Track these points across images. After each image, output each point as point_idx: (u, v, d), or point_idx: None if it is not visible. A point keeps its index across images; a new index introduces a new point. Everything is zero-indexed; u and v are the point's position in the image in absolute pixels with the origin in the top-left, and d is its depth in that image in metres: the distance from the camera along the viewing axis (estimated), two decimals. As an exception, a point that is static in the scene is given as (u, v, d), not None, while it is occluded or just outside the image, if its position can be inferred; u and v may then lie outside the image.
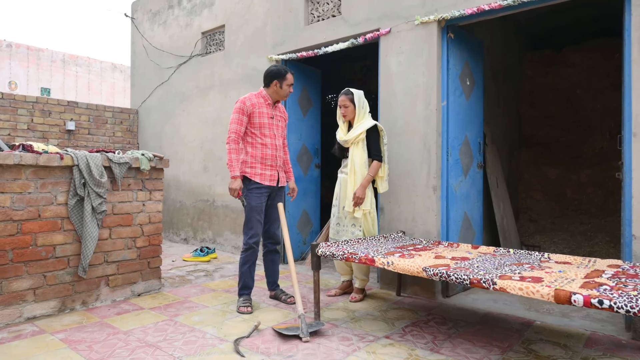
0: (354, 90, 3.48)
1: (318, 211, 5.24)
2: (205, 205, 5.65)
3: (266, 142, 3.21)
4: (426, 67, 3.59)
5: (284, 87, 3.24)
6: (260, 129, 3.20)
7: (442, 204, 3.56)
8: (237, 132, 3.14)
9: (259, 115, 3.19)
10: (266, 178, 3.21)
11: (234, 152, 3.10)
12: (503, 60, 5.43)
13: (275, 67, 3.27)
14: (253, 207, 3.18)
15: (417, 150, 3.62)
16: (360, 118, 3.45)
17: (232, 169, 3.08)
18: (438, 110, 3.56)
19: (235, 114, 3.17)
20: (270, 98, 3.26)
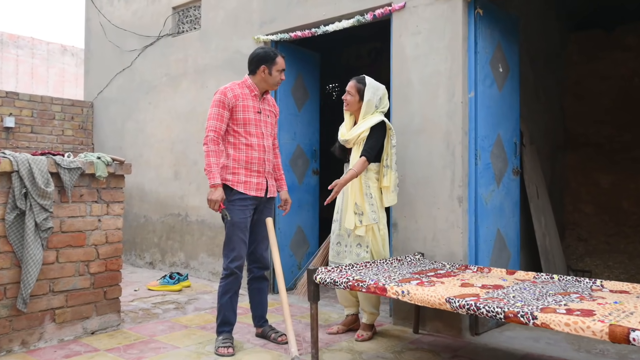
0: (370, 81, 3.51)
1: (316, 228, 5.24)
2: (176, 220, 5.64)
3: (252, 142, 3.22)
4: (449, 50, 3.61)
5: (274, 73, 3.25)
6: (245, 127, 3.21)
7: (469, 218, 3.56)
8: (217, 130, 3.15)
9: (243, 110, 3.20)
10: (252, 187, 3.21)
11: (214, 154, 3.11)
12: (542, 42, 5.47)
13: (263, 50, 3.28)
14: (235, 224, 3.17)
15: (438, 153, 3.63)
16: (366, 114, 3.47)
17: (211, 176, 3.08)
18: (464, 103, 3.57)
19: (214, 107, 3.18)
20: (257, 88, 3.27)
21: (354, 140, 3.45)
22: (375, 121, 3.39)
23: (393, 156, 3.46)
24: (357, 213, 3.39)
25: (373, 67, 7.26)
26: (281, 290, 3.04)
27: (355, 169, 3.33)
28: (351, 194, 3.43)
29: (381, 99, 3.50)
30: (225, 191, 3.18)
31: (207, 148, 3.12)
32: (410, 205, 3.74)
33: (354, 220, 3.38)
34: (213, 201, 3.08)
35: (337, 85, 8.08)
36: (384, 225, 3.47)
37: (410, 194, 3.74)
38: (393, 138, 3.46)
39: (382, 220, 3.46)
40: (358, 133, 3.41)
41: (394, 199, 3.50)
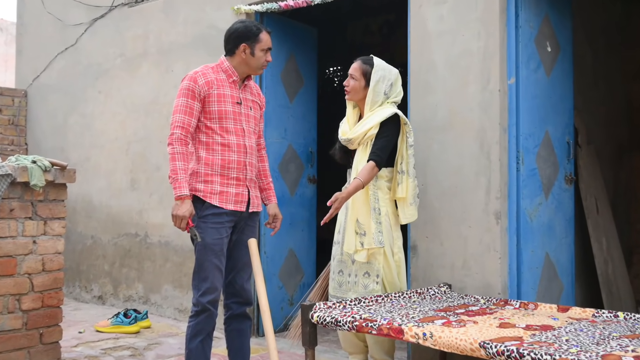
0: (378, 61, 3.52)
1: (313, 252, 5.24)
2: (132, 242, 5.63)
3: (230, 141, 3.22)
4: (483, 23, 3.62)
5: (257, 53, 3.26)
6: (221, 121, 3.21)
7: (509, 239, 3.56)
8: (185, 126, 3.15)
9: (218, 100, 3.21)
10: (230, 199, 3.21)
11: (181, 158, 3.11)
12: (603, 14, 5.49)
13: (243, 24, 3.30)
14: (208, 246, 3.16)
15: (469, 155, 3.64)
16: (374, 104, 3.47)
17: (177, 185, 3.08)
18: (502, 91, 3.58)
19: (182, 98, 3.19)
20: (236, 73, 3.28)
21: (360, 140, 3.44)
22: (387, 114, 3.39)
23: (410, 159, 3.47)
24: (358, 233, 3.39)
25: (385, 46, 7.28)
26: (268, 332, 3.02)
27: (362, 177, 3.32)
28: (352, 208, 3.42)
29: (393, 85, 3.51)
30: (196, 204, 3.17)
31: (172, 149, 3.11)
32: (433, 223, 3.73)
33: (354, 242, 3.38)
34: (179, 217, 3.07)
35: (339, 68, 8.10)
36: (399, 248, 3.46)
37: (434, 208, 3.73)
38: (410, 136, 3.46)
39: (396, 241, 3.45)
40: (364, 130, 3.41)
41: (413, 213, 3.49)
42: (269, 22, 4.76)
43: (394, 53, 7.40)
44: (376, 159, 3.37)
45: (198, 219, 3.17)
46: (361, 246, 3.37)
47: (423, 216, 3.75)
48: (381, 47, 7.30)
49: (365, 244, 3.36)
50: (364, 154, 3.42)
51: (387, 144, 3.40)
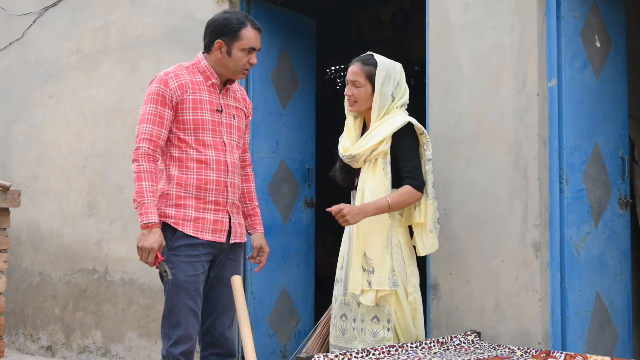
0: (379, 58, 3.51)
1: (310, 292, 5.22)
2: (89, 280, 5.60)
3: (208, 157, 3.21)
4: (517, 13, 3.63)
5: (235, 53, 3.24)
6: (197, 133, 3.21)
7: (552, 277, 3.55)
8: (154, 139, 3.14)
9: (194, 107, 3.21)
10: (207, 227, 3.20)
11: (148, 177, 3.10)
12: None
13: (223, 16, 3.30)
14: (181, 285, 3.15)
15: (501, 173, 3.63)
16: (381, 111, 3.46)
17: (144, 210, 3.06)
18: (541, 96, 3.58)
19: (149, 105, 3.19)
20: (215, 74, 3.29)
21: (366, 156, 3.42)
22: (399, 124, 3.37)
23: (429, 176, 3.45)
24: (365, 270, 3.36)
25: (398, 40, 7.33)
26: (254, 391, 2.99)
27: (392, 199, 3.30)
28: (358, 237, 3.39)
29: (399, 84, 3.50)
30: (165, 233, 3.15)
31: (137, 167, 3.10)
32: (458, 257, 3.72)
33: (361, 280, 3.35)
34: (146, 249, 3.05)
35: (343, 67, 8.13)
36: (414, 287, 3.42)
37: (459, 238, 3.72)
38: (427, 148, 3.44)
39: (410, 279, 3.42)
40: (372, 145, 3.37)
41: (434, 243, 3.47)
42: (258, 12, 4.78)
43: (408, 49, 7.43)
44: (415, 183, 3.33)
45: (168, 252, 3.15)
46: (368, 286, 3.33)
47: (445, 248, 3.73)
48: (393, 41, 7.35)
49: (374, 284, 3.31)
50: (373, 174, 3.40)
51: (418, 162, 3.40)
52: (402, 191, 3.33)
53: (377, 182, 3.38)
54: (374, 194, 3.36)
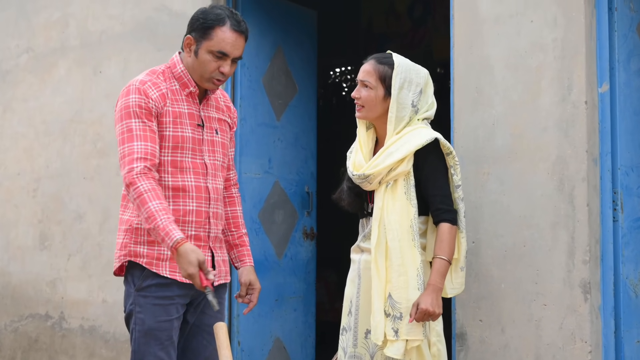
0: (399, 58, 3.50)
1: (310, 342, 5.21)
2: (41, 328, 5.60)
3: (186, 183, 3.23)
4: (560, 4, 3.65)
5: (202, 55, 3.22)
6: (175, 153, 3.22)
7: (604, 324, 3.54)
8: (149, 157, 3.11)
9: (174, 121, 3.22)
10: None
11: (154, 196, 3.03)
12: None
13: (203, 8, 3.31)
14: (151, 332, 3.15)
15: (542, 198, 3.64)
16: (399, 124, 3.46)
17: (162, 232, 3.00)
18: (591, 104, 3.59)
19: (135, 119, 3.15)
20: (192, 81, 3.30)
21: (382, 177, 3.44)
22: (424, 140, 3.37)
23: (459, 204, 3.44)
24: (391, 315, 3.35)
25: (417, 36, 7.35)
26: None
27: (446, 252, 3.29)
28: (379, 276, 3.39)
29: (422, 92, 3.48)
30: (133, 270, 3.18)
31: (137, 189, 3.04)
32: (490, 299, 3.73)
33: (384, 327, 3.37)
34: (191, 274, 2.96)
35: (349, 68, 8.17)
36: (438, 335, 3.39)
37: (491, 277, 3.73)
38: (455, 172, 3.41)
39: (434, 326, 3.38)
40: (390, 164, 3.36)
41: (462, 282, 3.47)
42: (247, 2, 4.83)
43: (429, 46, 7.42)
44: (451, 217, 3.34)
45: (136, 292, 3.17)
46: (395, 335, 3.33)
47: (474, 289, 3.75)
48: (411, 36, 7.37)
49: (403, 333, 3.28)
50: (392, 199, 3.38)
51: (449, 188, 3.40)
52: (444, 235, 3.32)
53: (398, 209, 3.36)
54: (397, 224, 3.34)
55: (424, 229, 3.46)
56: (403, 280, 3.33)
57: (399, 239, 3.33)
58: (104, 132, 5.29)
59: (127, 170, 3.05)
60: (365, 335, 3.46)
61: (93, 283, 5.30)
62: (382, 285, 3.37)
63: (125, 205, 3.26)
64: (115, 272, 3.30)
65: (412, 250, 3.34)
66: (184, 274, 2.97)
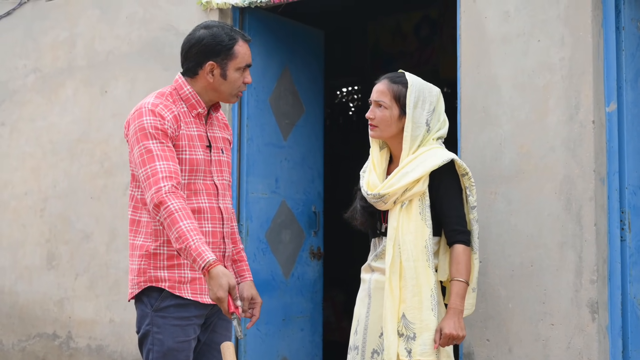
0: (412, 77, 3.50)
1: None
2: (49, 347, 5.58)
3: (201, 204, 3.22)
4: (567, 23, 3.65)
5: (231, 74, 3.24)
6: (191, 176, 3.21)
7: (612, 344, 3.54)
8: (174, 175, 3.08)
9: (189, 145, 3.22)
10: (205, 288, 3.16)
11: (185, 215, 3.00)
12: None
13: (209, 32, 3.26)
14: (170, 353, 3.14)
15: (549, 217, 3.64)
16: (415, 143, 3.45)
17: (194, 253, 2.96)
18: (598, 123, 3.60)
19: (152, 141, 3.12)
20: (201, 102, 3.30)
21: (398, 197, 3.41)
22: (441, 160, 3.35)
23: (473, 226, 3.43)
24: (404, 335, 3.35)
25: (424, 55, 7.35)
26: None
27: (464, 274, 3.30)
28: (393, 296, 3.37)
29: (434, 110, 3.48)
30: (151, 292, 3.15)
31: (167, 209, 3.00)
32: (497, 319, 3.72)
33: (397, 347, 3.35)
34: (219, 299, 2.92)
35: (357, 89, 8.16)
36: (449, 356, 3.37)
37: (498, 296, 3.72)
38: (471, 193, 3.40)
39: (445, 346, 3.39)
40: (405, 184, 3.35)
41: (473, 303, 3.47)
42: (254, 22, 4.83)
43: (436, 66, 7.43)
44: (466, 238, 3.35)
45: (154, 313, 3.15)
46: (408, 356, 3.32)
47: (482, 309, 3.73)
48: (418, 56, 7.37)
49: (417, 353, 3.27)
50: (407, 219, 3.38)
51: (463, 209, 3.40)
52: (460, 257, 3.32)
53: (413, 230, 3.35)
54: (412, 244, 3.34)
55: (436, 249, 3.45)
56: (417, 301, 3.33)
57: (414, 259, 3.33)
58: (110, 152, 5.29)
59: (155, 190, 3.01)
60: (372, 355, 3.45)
61: (100, 303, 5.29)
62: (395, 305, 3.36)
63: (136, 230, 3.23)
64: (130, 299, 3.27)
65: (426, 271, 3.33)
66: (213, 297, 2.93)
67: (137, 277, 3.18)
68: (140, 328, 3.19)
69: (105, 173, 5.33)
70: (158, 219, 3.03)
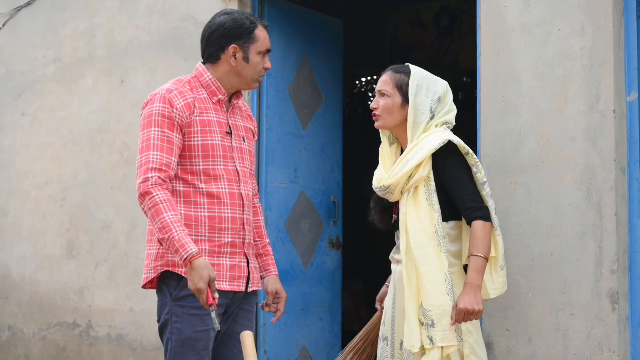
0: (415, 67, 3.51)
1: (336, 351, 5.11)
2: (69, 336, 5.61)
3: (220, 190, 3.22)
4: (587, 12, 3.63)
5: (253, 57, 3.28)
6: (207, 161, 3.21)
7: (632, 334, 3.51)
8: (164, 167, 3.11)
9: (202, 130, 3.21)
10: (224, 275, 3.20)
11: (169, 207, 3.04)
12: None
13: (230, 16, 3.31)
14: (188, 342, 3.14)
15: (569, 207, 3.62)
16: (417, 129, 3.44)
17: (177, 244, 2.99)
18: (619, 113, 3.57)
19: (155, 128, 3.14)
20: (222, 88, 3.30)
21: (403, 185, 3.41)
22: (437, 143, 3.34)
23: (489, 201, 3.39)
24: (424, 323, 3.34)
25: (443, 45, 7.32)
26: None
27: (482, 249, 3.24)
28: (411, 285, 3.36)
29: (440, 99, 3.46)
30: (170, 281, 3.15)
31: (152, 200, 3.04)
32: (517, 309, 3.70)
33: (419, 336, 3.33)
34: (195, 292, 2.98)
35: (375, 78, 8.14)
36: (471, 347, 3.34)
37: (518, 286, 3.70)
38: (478, 170, 3.34)
39: (467, 337, 3.35)
40: (408, 170, 3.34)
41: (504, 282, 3.40)
42: (273, 12, 4.83)
43: (455, 56, 7.40)
44: (483, 214, 3.29)
45: (173, 302, 3.14)
46: (430, 343, 3.28)
47: (501, 299, 3.68)
48: (437, 46, 7.35)
49: (438, 340, 3.25)
50: (415, 206, 3.36)
51: (474, 186, 3.36)
52: (479, 232, 3.27)
53: (421, 216, 3.34)
54: (420, 230, 3.33)
55: (455, 234, 3.43)
56: (431, 287, 3.30)
57: (423, 246, 3.32)
58: (130, 141, 5.30)
59: (142, 180, 3.07)
60: (400, 346, 3.45)
61: (120, 292, 5.30)
62: (414, 293, 3.35)
63: None
64: (144, 284, 3.26)
65: (438, 255, 3.31)
66: (193, 287, 2.96)
67: (154, 262, 3.19)
68: (160, 317, 3.20)
69: (125, 163, 5.34)
70: (142, 208, 3.07)
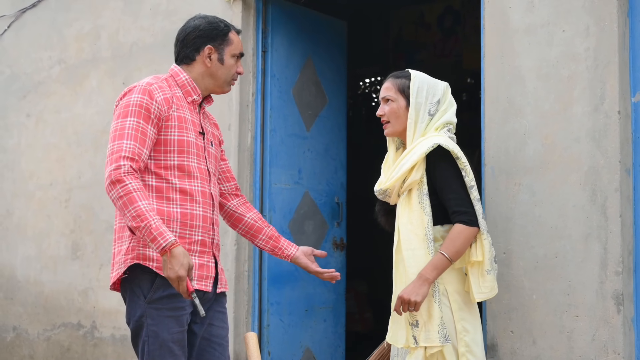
0: (415, 72, 3.53)
1: (340, 352, 5.20)
2: (74, 337, 5.61)
3: (193, 187, 3.22)
4: (592, 13, 3.62)
5: (227, 60, 3.33)
6: (182, 157, 3.21)
7: (637, 335, 3.52)
8: (136, 157, 3.09)
9: (179, 126, 3.23)
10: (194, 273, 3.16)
11: (143, 195, 3.01)
12: None
13: (205, 19, 3.36)
14: (166, 345, 3.12)
15: (574, 208, 3.61)
16: (417, 130, 3.46)
17: (154, 232, 2.95)
18: (624, 114, 3.56)
19: (131, 118, 3.13)
20: (197, 89, 3.34)
21: (398, 189, 3.43)
22: (426, 148, 3.35)
23: (476, 205, 3.40)
24: (410, 323, 3.34)
25: (446, 46, 7.32)
26: None
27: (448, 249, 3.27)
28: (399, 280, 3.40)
29: (440, 102, 3.48)
30: (141, 282, 3.12)
31: (125, 188, 2.99)
32: (521, 311, 3.69)
33: (406, 335, 3.35)
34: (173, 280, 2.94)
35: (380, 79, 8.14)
36: (467, 345, 3.35)
37: (522, 288, 3.69)
38: (466, 174, 3.36)
39: (462, 336, 3.35)
40: (402, 174, 3.38)
41: (493, 286, 3.41)
42: (277, 12, 4.83)
43: (459, 57, 7.40)
44: (467, 218, 3.31)
45: (147, 305, 3.12)
46: (415, 343, 3.31)
47: (506, 300, 3.71)
48: (441, 47, 7.34)
49: (421, 340, 3.28)
50: (408, 209, 3.39)
51: (464, 191, 3.36)
52: (454, 234, 3.30)
53: (413, 218, 3.37)
54: (411, 232, 3.36)
55: None
56: None
57: (413, 248, 3.36)
58: (135, 142, 5.29)
59: (114, 168, 3.03)
60: None
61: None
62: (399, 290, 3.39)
63: None
64: (113, 284, 3.23)
65: (426, 258, 3.35)
66: (173, 275, 2.92)
67: (124, 256, 3.15)
68: (131, 320, 3.17)
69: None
70: (111, 196, 3.03)
